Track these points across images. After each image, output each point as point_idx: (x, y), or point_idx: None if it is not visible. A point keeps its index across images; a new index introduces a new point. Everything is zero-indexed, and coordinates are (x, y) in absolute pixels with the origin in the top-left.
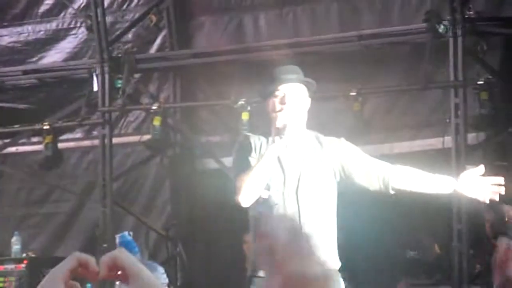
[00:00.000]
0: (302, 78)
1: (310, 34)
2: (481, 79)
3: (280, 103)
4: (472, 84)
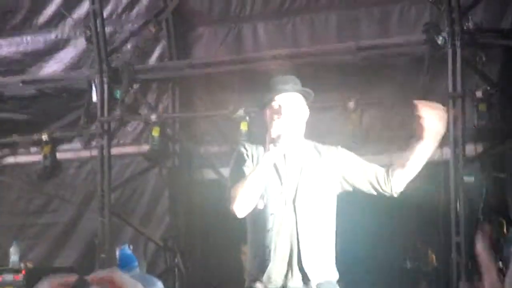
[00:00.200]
0: (298, 88)
1: (309, 45)
2: (479, 91)
3: (275, 113)
4: (470, 95)
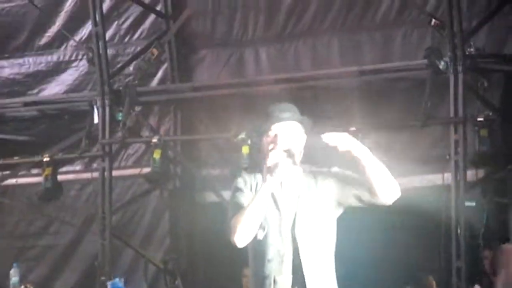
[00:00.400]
0: (296, 117)
1: (310, 69)
2: (481, 116)
3: (272, 142)
4: (472, 120)
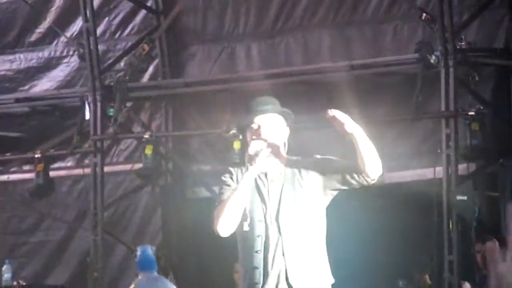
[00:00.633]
0: (277, 109)
1: (301, 64)
2: (472, 110)
3: (254, 134)
4: (463, 114)
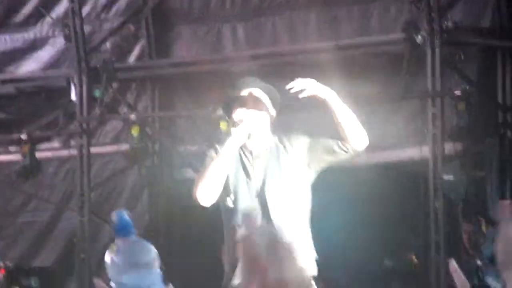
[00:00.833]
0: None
1: (288, 44)
2: (458, 90)
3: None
4: (449, 94)
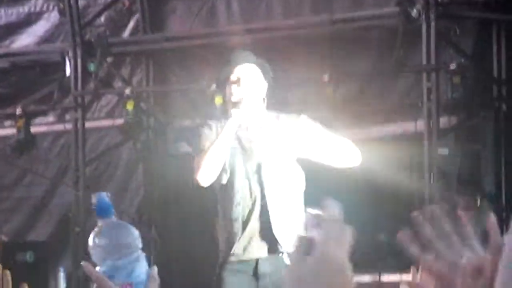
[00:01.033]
0: (255, 60)
1: (282, 18)
2: (453, 64)
3: (235, 83)
4: (444, 68)
